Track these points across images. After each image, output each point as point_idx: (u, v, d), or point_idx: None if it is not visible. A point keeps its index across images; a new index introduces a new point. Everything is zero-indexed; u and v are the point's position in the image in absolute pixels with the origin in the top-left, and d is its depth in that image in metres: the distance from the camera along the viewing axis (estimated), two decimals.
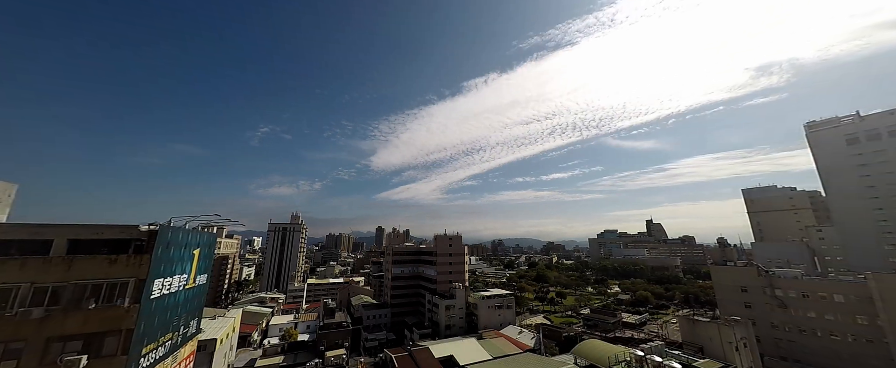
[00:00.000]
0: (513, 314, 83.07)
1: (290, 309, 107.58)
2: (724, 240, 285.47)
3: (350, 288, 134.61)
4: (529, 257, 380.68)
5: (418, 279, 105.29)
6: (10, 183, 38.31)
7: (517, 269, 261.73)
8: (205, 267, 35.98)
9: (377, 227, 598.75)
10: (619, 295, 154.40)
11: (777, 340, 63.29)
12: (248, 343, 72.57)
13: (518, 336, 65.90)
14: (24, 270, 22.99)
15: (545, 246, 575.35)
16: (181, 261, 30.39)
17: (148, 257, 25.75)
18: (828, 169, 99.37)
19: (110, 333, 23.94)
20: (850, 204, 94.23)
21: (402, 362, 51.19)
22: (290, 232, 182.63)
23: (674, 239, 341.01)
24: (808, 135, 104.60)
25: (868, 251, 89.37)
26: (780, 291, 64.07)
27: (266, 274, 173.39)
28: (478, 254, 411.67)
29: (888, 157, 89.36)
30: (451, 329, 79.87)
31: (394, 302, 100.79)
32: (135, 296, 24.95)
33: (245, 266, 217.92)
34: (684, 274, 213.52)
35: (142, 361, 25.04)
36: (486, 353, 54.77)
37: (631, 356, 42.58)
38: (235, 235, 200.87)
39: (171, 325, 29.39)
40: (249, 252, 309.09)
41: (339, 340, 71.49)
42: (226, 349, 49.53)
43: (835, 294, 58.59)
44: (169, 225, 28.55)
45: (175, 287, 29.53)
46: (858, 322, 55.61)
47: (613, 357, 43.16)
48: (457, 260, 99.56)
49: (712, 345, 47.43)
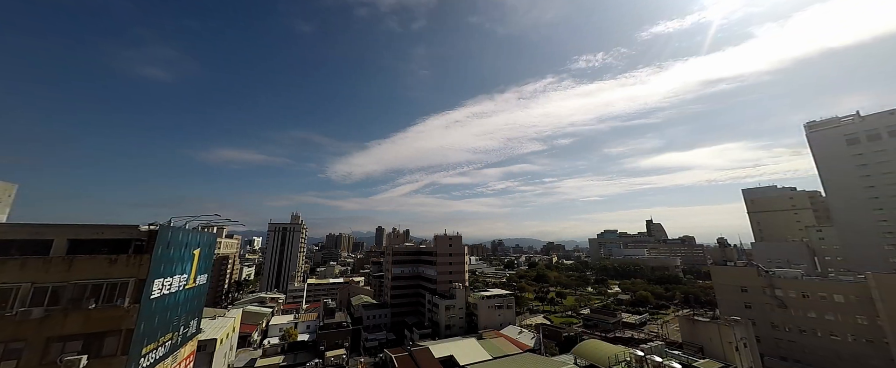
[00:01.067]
0: (513, 314, 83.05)
1: (290, 309, 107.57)
2: (724, 240, 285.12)
3: (350, 288, 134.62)
4: (529, 257, 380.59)
5: (418, 279, 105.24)
6: (10, 183, 38.40)
7: (517, 269, 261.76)
8: (205, 267, 36.03)
9: (377, 227, 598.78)
10: (619, 295, 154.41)
11: (777, 340, 63.30)
12: (248, 343, 72.55)
13: (518, 337, 65.87)
14: (24, 270, 23.02)
15: (545, 246, 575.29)
16: (181, 261, 30.42)
17: (148, 257, 25.79)
18: (828, 169, 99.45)
19: (110, 333, 23.98)
20: (850, 204, 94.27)
21: (402, 362, 51.14)
22: (290, 232, 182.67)
23: (674, 239, 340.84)
24: (809, 135, 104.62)
25: (868, 251, 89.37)
26: (780, 291, 64.06)
27: (266, 274, 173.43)
28: (478, 254, 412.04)
29: (888, 157, 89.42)
30: (451, 329, 79.83)
31: (394, 302, 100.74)
32: (135, 296, 24.98)
33: (245, 266, 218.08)
34: (684, 274, 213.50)
35: (142, 361, 25.06)
36: (486, 353, 54.74)
37: (631, 356, 42.57)
38: (235, 235, 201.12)
39: (171, 325, 29.42)
40: (249, 252, 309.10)
41: (339, 340, 71.45)
42: (226, 349, 49.58)
43: (835, 294, 58.59)
44: (169, 225, 28.60)
45: (175, 287, 29.56)
46: (858, 323, 55.63)
47: (613, 358, 43.13)
48: (457, 260, 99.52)
49: (712, 345, 47.43)
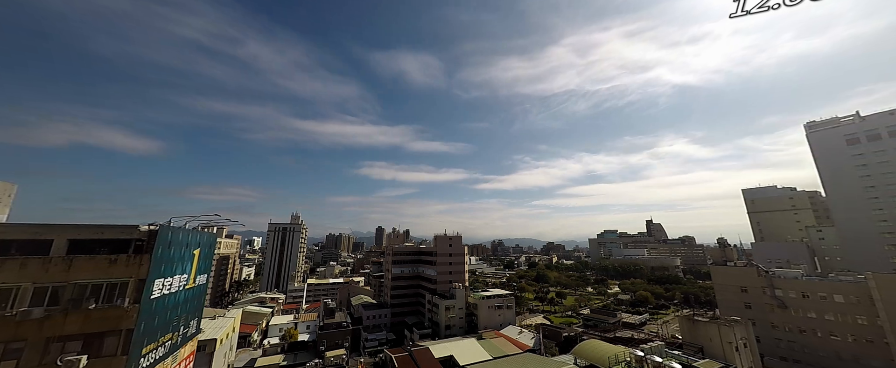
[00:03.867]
0: (513, 314, 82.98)
1: (290, 309, 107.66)
2: (724, 240, 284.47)
3: (350, 288, 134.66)
4: (529, 257, 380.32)
5: (418, 279, 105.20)
6: (10, 183, 38.45)
7: (517, 269, 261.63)
8: (205, 268, 36.04)
9: (377, 227, 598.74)
10: (619, 295, 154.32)
11: (777, 340, 63.30)
12: (248, 343, 72.59)
13: (518, 337, 65.80)
14: (24, 270, 23.01)
15: (545, 247, 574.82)
16: (181, 261, 30.42)
17: (148, 257, 25.79)
18: (828, 169, 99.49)
19: (110, 333, 23.99)
20: (850, 204, 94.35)
21: (401, 362, 51.09)
22: (290, 233, 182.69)
23: (674, 239, 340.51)
24: (809, 135, 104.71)
25: (868, 251, 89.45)
26: (780, 291, 64.06)
27: (266, 274, 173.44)
28: (478, 254, 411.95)
29: (888, 158, 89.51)
30: (451, 329, 79.79)
31: (394, 302, 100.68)
32: (135, 296, 24.98)
33: (245, 266, 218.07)
34: (684, 274, 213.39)
35: (142, 361, 25.06)
36: (486, 353, 54.68)
37: (631, 356, 42.54)
38: (235, 235, 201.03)
39: (171, 325, 29.41)
40: (249, 252, 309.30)
41: (339, 340, 71.44)
42: (226, 349, 49.56)
43: (835, 294, 58.60)
44: (169, 225, 28.61)
45: (175, 287, 29.56)
46: (858, 323, 55.64)
47: (613, 358, 43.08)
48: (457, 260, 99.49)
49: (712, 345, 47.40)
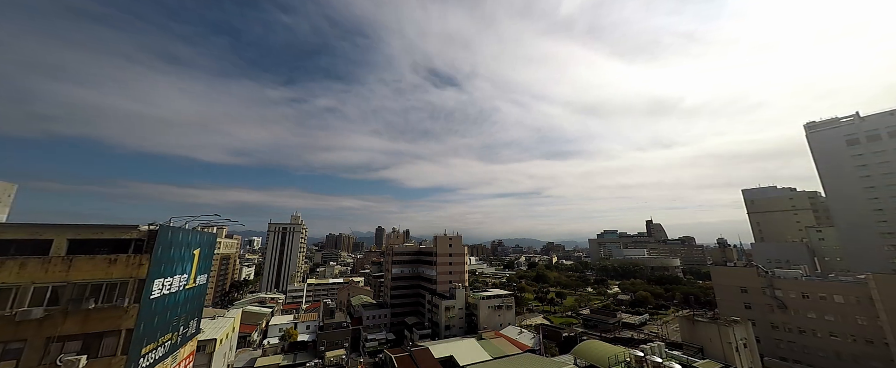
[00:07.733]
0: (513, 314, 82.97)
1: (290, 309, 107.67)
2: (724, 241, 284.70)
3: (350, 288, 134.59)
4: (529, 257, 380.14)
5: (418, 279, 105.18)
6: (10, 183, 38.41)
7: (517, 269, 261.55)
8: (205, 268, 36.01)
9: (377, 227, 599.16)
10: (619, 295, 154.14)
11: (777, 341, 63.32)
12: (247, 343, 72.60)
13: (518, 337, 65.80)
14: (24, 270, 22.96)
15: (545, 247, 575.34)
16: (181, 261, 30.40)
17: (148, 257, 25.77)
18: (828, 169, 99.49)
19: (110, 333, 23.96)
20: (850, 204, 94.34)
21: (401, 362, 51.15)
22: (290, 233, 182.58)
23: (674, 240, 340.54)
24: (808, 135, 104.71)
25: (868, 251, 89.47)
26: (780, 292, 64.08)
27: (266, 275, 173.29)
28: (478, 254, 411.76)
29: (888, 158, 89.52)
30: (450, 329, 79.78)
31: (394, 303, 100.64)
32: (135, 296, 24.95)
33: (245, 266, 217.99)
34: (684, 274, 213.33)
35: (141, 361, 25.05)
36: (485, 353, 54.74)
37: (631, 356, 42.58)
38: (235, 235, 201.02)
39: (170, 325, 29.39)
40: (249, 252, 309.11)
41: (338, 340, 71.49)
42: (225, 349, 49.53)
43: (835, 294, 58.63)
44: (169, 224, 28.58)
45: (175, 287, 29.53)
46: (858, 323, 55.65)
47: (613, 358, 43.11)
48: (457, 260, 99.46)
49: (712, 346, 47.46)
